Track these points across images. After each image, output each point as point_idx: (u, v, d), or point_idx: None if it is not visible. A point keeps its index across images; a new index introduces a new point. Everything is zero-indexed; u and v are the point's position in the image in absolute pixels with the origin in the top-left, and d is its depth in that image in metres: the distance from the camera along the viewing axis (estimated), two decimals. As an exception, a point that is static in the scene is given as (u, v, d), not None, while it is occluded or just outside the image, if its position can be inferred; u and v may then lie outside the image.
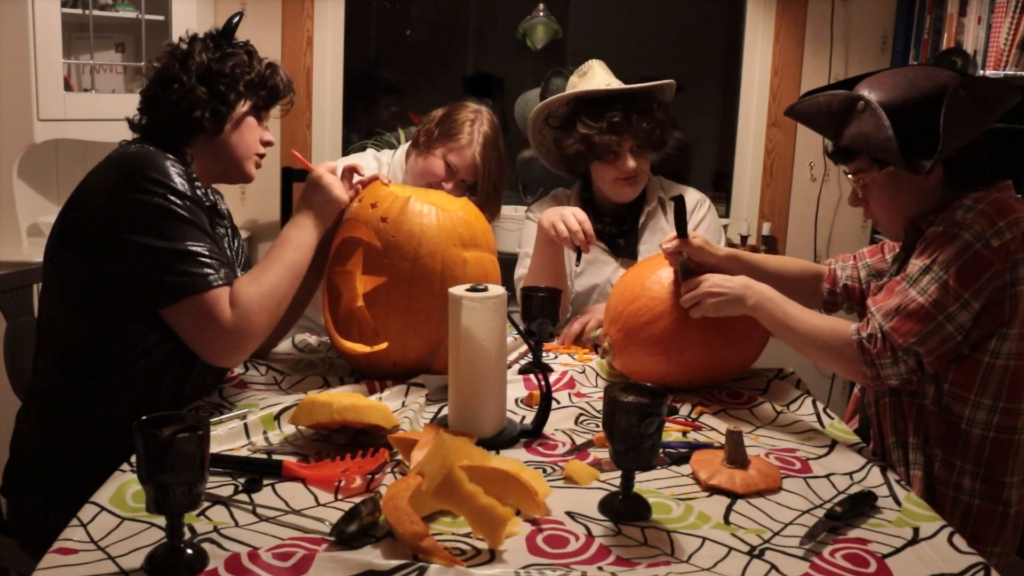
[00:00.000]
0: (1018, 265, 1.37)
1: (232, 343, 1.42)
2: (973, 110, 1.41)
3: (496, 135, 2.14)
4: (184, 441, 0.97)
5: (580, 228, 1.93)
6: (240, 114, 1.57)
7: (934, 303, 1.35)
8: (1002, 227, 1.37)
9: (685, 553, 1.10)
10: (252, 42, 1.63)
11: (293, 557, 1.03)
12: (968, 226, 1.37)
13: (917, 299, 1.36)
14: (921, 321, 1.36)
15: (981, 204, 1.39)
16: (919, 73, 1.47)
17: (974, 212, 1.38)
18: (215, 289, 1.41)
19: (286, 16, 3.12)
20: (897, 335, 1.36)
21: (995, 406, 1.40)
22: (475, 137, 2.09)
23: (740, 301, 1.55)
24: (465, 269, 1.62)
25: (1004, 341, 1.40)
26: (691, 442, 1.45)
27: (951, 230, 1.39)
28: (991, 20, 2.66)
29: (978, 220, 1.37)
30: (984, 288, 1.36)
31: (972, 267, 1.36)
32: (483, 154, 2.08)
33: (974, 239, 1.36)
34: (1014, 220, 1.38)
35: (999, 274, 1.36)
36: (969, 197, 1.42)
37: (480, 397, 1.41)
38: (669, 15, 3.46)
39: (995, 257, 1.36)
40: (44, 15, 2.45)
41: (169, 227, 1.39)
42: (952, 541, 1.15)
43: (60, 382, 1.48)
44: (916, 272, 1.39)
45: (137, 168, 1.41)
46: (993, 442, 1.41)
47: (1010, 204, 1.41)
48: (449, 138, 2.10)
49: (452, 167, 2.08)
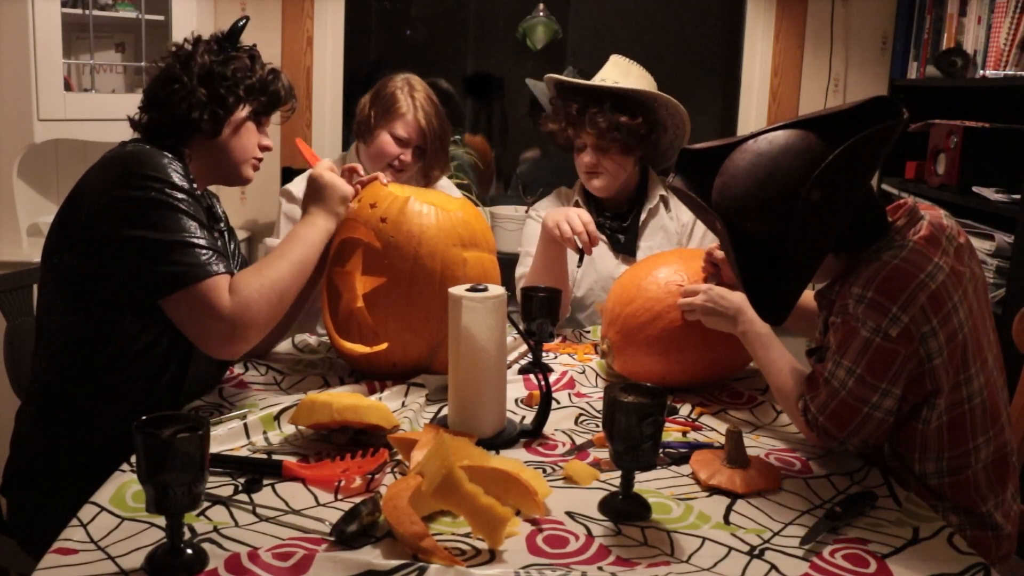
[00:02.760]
0: (927, 339, 1.30)
1: (231, 332, 1.42)
2: (833, 205, 1.25)
3: (427, 91, 2.18)
4: (184, 441, 0.97)
5: (584, 229, 1.93)
6: (239, 118, 1.58)
7: (856, 398, 1.32)
8: (896, 313, 1.28)
9: (685, 553, 1.10)
10: (256, 44, 1.63)
11: (293, 557, 1.03)
12: (863, 321, 1.30)
13: (839, 394, 1.33)
14: (849, 415, 1.33)
15: (869, 292, 1.29)
16: (773, 167, 1.29)
17: (863, 305, 1.30)
18: (213, 277, 1.40)
19: (286, 16, 3.12)
20: (832, 427, 1.35)
21: (940, 456, 1.38)
22: (412, 103, 2.13)
23: (732, 322, 1.57)
24: (465, 269, 1.62)
25: (932, 410, 1.36)
26: (691, 442, 1.45)
27: (849, 323, 1.32)
28: (991, 20, 2.66)
29: (870, 315, 1.29)
30: (899, 374, 1.31)
31: (879, 360, 1.30)
32: (425, 116, 2.12)
33: (872, 334, 1.29)
34: (909, 298, 1.28)
35: (909, 358, 1.31)
36: (858, 282, 1.31)
37: (480, 397, 1.41)
38: (669, 15, 3.46)
39: (899, 345, 1.29)
40: (44, 15, 2.45)
41: (165, 219, 1.39)
42: (952, 541, 1.15)
43: (58, 381, 1.48)
44: (832, 366, 1.35)
45: (134, 166, 1.42)
46: (951, 484, 1.38)
47: (902, 276, 1.29)
48: (388, 112, 2.13)
49: (401, 139, 2.12)
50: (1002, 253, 2.43)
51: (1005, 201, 2.45)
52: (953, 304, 1.31)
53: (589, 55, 3.38)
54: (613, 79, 2.14)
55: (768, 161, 1.30)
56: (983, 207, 2.50)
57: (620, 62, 2.20)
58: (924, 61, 3.02)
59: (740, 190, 1.32)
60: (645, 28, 3.44)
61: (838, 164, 1.22)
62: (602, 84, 2.12)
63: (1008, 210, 2.40)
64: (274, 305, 1.46)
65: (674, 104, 2.12)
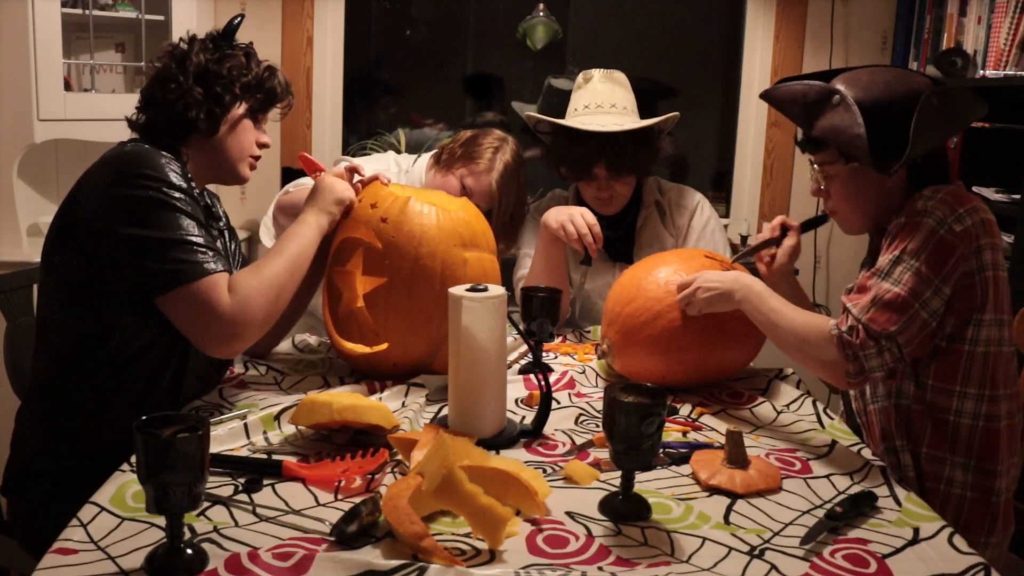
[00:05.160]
0: (982, 251, 1.41)
1: (230, 331, 1.41)
2: (943, 118, 1.44)
3: (518, 166, 2.14)
4: (184, 441, 0.97)
5: (589, 231, 1.93)
6: (236, 116, 1.58)
7: (909, 291, 1.38)
8: (962, 213, 1.40)
9: (685, 553, 1.10)
10: (252, 42, 1.64)
11: (293, 557, 1.03)
12: (930, 212, 1.40)
13: (892, 289, 1.38)
14: (898, 310, 1.37)
15: (940, 193, 1.42)
16: (896, 75, 1.50)
17: (934, 200, 1.41)
18: (212, 276, 1.40)
19: (286, 16, 3.12)
20: (876, 325, 1.37)
21: (980, 394, 1.44)
22: (495, 164, 2.09)
23: (729, 295, 1.56)
24: (465, 269, 1.62)
25: (979, 328, 1.43)
26: (691, 442, 1.45)
27: (914, 219, 1.42)
28: (991, 20, 2.66)
29: (939, 207, 1.40)
30: (952, 273, 1.39)
31: (939, 253, 1.39)
32: (500, 183, 2.09)
33: (937, 225, 1.39)
34: (972, 208, 1.42)
35: (964, 258, 1.40)
36: (928, 188, 1.45)
37: (480, 397, 1.41)
38: (669, 15, 3.46)
39: (959, 241, 1.39)
40: (44, 15, 2.45)
41: (163, 217, 1.40)
42: (952, 541, 1.15)
43: (58, 380, 1.48)
44: (887, 264, 1.41)
45: (132, 165, 1.42)
46: (983, 431, 1.44)
47: (966, 194, 1.45)
48: (470, 160, 2.10)
49: (468, 189, 2.09)
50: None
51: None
52: (995, 242, 1.44)
53: (589, 55, 3.38)
54: (610, 103, 2.12)
55: (896, 72, 1.51)
56: (983, 207, 2.50)
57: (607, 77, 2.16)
58: (924, 61, 3.02)
59: (867, 84, 1.46)
60: (645, 28, 3.44)
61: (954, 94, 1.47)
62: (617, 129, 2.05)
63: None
64: (272, 303, 1.46)
65: (672, 117, 2.12)
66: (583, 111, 2.13)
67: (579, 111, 2.14)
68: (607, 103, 2.12)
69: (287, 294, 1.51)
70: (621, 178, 2.11)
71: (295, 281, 1.53)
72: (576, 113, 2.14)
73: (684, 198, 2.21)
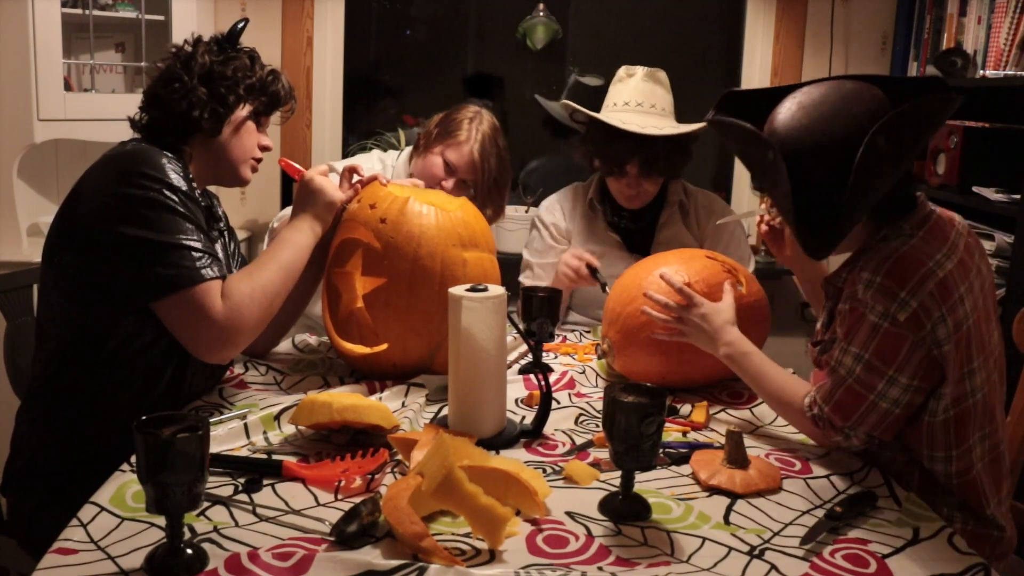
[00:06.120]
0: (937, 326, 1.29)
1: (222, 337, 1.42)
2: (894, 154, 1.27)
3: (495, 133, 2.14)
4: (184, 441, 0.97)
5: (581, 264, 2.03)
6: (239, 118, 1.58)
7: (862, 384, 1.33)
8: (904, 298, 1.28)
9: (685, 553, 1.10)
10: (252, 43, 1.64)
11: (293, 557, 1.03)
12: (871, 307, 1.31)
13: (847, 381, 1.34)
14: (854, 403, 1.34)
15: (879, 277, 1.30)
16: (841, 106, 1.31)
17: (872, 290, 1.30)
18: (206, 282, 1.40)
19: (286, 16, 3.12)
20: (837, 418, 1.35)
21: (948, 456, 1.37)
22: (473, 134, 2.08)
23: (711, 344, 1.57)
24: (465, 269, 1.62)
25: (940, 401, 1.35)
26: (691, 442, 1.45)
27: (857, 309, 1.33)
28: (991, 20, 2.66)
29: (878, 299, 1.30)
30: (906, 361, 1.31)
31: (886, 345, 1.31)
32: (481, 151, 2.08)
33: (880, 319, 1.30)
34: (917, 283, 1.29)
35: (917, 345, 1.30)
36: (867, 268, 1.32)
37: (480, 397, 1.41)
38: (669, 15, 3.45)
39: (906, 331, 1.29)
40: (44, 15, 2.45)
41: (161, 220, 1.40)
42: (952, 541, 1.15)
43: (57, 380, 1.48)
44: (839, 353, 1.36)
45: (133, 165, 1.42)
46: (958, 486, 1.38)
47: (911, 263, 1.30)
48: (447, 135, 2.10)
49: (451, 165, 2.08)
50: (1002, 253, 2.43)
51: (1005, 201, 2.45)
52: (960, 294, 1.31)
53: (589, 55, 3.38)
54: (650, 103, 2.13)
55: (837, 101, 1.31)
56: (983, 207, 2.50)
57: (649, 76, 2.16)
58: (924, 61, 3.01)
59: (803, 125, 1.31)
60: (645, 28, 3.44)
61: (906, 117, 1.25)
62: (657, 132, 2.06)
63: (1008, 210, 2.40)
64: (264, 309, 1.47)
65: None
66: (623, 107, 2.13)
67: (618, 106, 2.14)
68: (647, 102, 2.13)
69: (279, 301, 1.51)
70: (651, 177, 2.13)
71: (288, 288, 1.53)
72: (616, 108, 2.15)
73: (712, 203, 2.27)
